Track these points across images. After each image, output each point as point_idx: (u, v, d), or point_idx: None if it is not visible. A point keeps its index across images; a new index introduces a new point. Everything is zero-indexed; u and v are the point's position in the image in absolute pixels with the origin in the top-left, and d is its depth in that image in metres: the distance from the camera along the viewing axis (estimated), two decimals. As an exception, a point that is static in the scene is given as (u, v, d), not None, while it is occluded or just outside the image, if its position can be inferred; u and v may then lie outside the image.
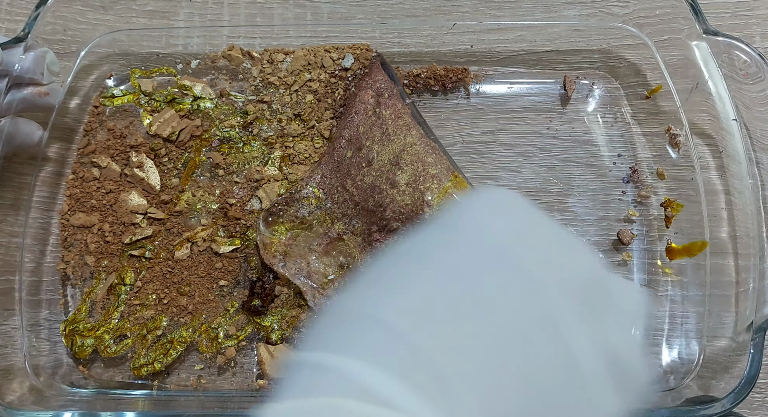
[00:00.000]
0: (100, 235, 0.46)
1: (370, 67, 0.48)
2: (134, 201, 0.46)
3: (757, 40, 0.51)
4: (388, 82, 0.47)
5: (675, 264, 0.45)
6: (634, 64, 0.51)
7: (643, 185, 0.48)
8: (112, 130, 0.48)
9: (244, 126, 0.48)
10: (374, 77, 0.47)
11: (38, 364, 0.44)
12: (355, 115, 0.46)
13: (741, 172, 0.42)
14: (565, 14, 0.51)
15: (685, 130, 0.47)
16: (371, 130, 0.45)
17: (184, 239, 0.45)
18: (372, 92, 0.46)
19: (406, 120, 0.45)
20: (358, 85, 0.47)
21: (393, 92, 0.47)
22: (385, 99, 0.46)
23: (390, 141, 0.44)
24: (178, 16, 0.51)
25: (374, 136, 0.45)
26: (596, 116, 0.50)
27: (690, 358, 0.43)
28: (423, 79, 0.50)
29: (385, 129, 0.45)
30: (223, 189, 0.47)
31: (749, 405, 0.43)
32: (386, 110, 0.45)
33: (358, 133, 0.45)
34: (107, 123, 0.48)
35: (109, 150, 0.47)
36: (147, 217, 0.46)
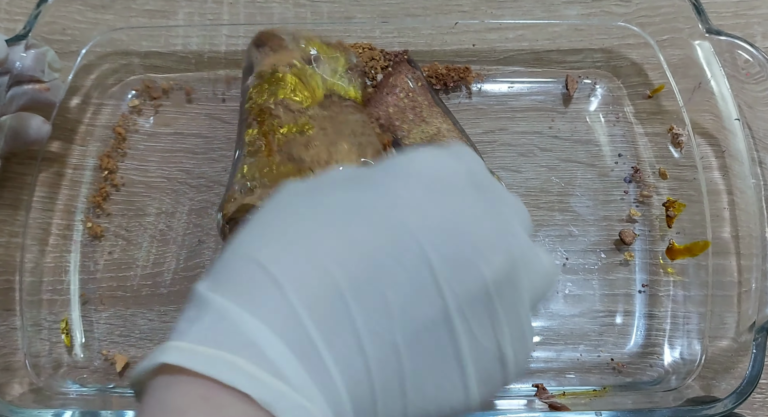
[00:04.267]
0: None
1: (399, 62, 0.48)
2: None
3: (758, 40, 0.51)
4: (419, 74, 0.48)
5: (677, 264, 0.45)
6: (637, 64, 0.51)
7: (645, 185, 0.48)
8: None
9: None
10: (405, 69, 0.48)
11: (39, 364, 0.44)
12: (387, 96, 0.46)
13: (744, 171, 0.42)
14: (567, 13, 0.51)
15: (688, 129, 0.47)
16: (404, 112, 0.45)
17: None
18: (406, 78, 0.47)
19: (441, 109, 0.46)
20: (390, 73, 0.48)
21: (425, 84, 0.48)
22: (419, 87, 0.47)
23: (425, 122, 0.45)
24: (177, 16, 0.51)
25: (406, 117, 0.45)
26: (598, 116, 0.50)
27: (692, 359, 0.43)
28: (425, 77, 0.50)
29: (419, 111, 0.45)
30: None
31: (750, 405, 0.43)
32: (420, 97, 0.46)
33: (388, 113, 0.45)
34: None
35: None
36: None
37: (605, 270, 0.46)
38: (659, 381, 0.43)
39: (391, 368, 0.22)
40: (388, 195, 0.24)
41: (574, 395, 0.42)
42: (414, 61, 0.49)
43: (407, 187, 0.24)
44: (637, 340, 0.44)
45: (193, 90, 0.51)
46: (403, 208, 0.23)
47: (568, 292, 0.45)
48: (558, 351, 0.44)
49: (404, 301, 0.22)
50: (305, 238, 0.23)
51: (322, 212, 0.24)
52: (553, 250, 0.46)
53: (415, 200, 0.24)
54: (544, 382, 0.42)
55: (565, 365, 0.43)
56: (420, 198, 0.24)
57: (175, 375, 0.20)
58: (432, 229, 0.23)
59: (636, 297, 0.45)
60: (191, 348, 0.21)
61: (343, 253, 0.22)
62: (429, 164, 0.25)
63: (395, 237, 0.23)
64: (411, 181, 0.24)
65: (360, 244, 0.22)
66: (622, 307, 0.45)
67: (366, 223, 0.23)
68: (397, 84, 0.46)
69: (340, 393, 0.21)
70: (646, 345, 0.44)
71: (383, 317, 0.22)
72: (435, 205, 0.24)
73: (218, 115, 0.50)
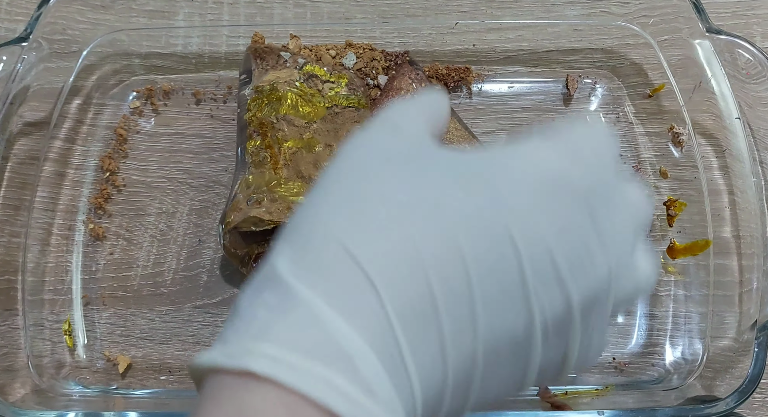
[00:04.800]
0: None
1: (401, 64, 0.48)
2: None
3: (757, 40, 0.51)
4: (421, 75, 0.48)
5: (678, 264, 0.45)
6: (637, 63, 0.51)
7: (646, 184, 0.48)
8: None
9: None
10: (407, 70, 0.47)
11: (41, 364, 0.44)
12: (392, 99, 0.46)
13: (744, 171, 0.42)
14: (567, 13, 0.51)
15: (688, 129, 0.47)
16: None
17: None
18: (409, 80, 0.47)
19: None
20: (394, 75, 0.48)
21: (428, 84, 0.47)
22: (422, 87, 0.47)
23: None
24: (177, 16, 0.51)
25: None
26: (598, 115, 0.50)
27: (693, 358, 0.43)
28: (426, 78, 0.50)
29: None
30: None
31: (749, 405, 0.43)
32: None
33: None
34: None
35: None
36: None
37: (606, 269, 0.46)
38: (661, 380, 0.43)
39: (465, 376, 0.22)
40: (495, 198, 0.22)
41: (576, 394, 0.42)
42: (415, 61, 0.49)
43: (516, 193, 0.22)
44: (638, 340, 0.44)
45: (199, 92, 0.51)
46: (509, 215, 0.22)
47: (570, 292, 0.45)
48: (559, 350, 0.44)
49: (492, 314, 0.21)
50: (401, 228, 0.21)
51: (420, 198, 0.21)
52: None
53: (522, 207, 0.22)
54: (545, 381, 0.42)
55: (567, 365, 0.43)
56: (527, 205, 0.22)
57: (261, 382, 0.19)
58: (533, 243, 0.22)
59: (637, 296, 0.45)
60: (281, 356, 0.19)
61: (441, 255, 0.20)
62: (541, 165, 0.23)
63: (496, 247, 0.21)
64: (521, 185, 0.22)
65: (459, 248, 0.21)
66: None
67: (468, 225, 0.21)
68: (401, 86, 0.46)
69: (416, 402, 0.21)
70: (648, 344, 0.44)
71: (469, 329, 0.21)
72: (541, 214, 0.22)
73: (219, 116, 0.50)
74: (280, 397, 0.18)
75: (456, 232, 0.21)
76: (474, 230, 0.21)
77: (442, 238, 0.21)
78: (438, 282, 0.20)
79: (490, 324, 0.21)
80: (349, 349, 0.19)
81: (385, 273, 0.20)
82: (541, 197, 0.22)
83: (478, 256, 0.21)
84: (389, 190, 0.22)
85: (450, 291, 0.20)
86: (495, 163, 0.23)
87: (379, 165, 0.23)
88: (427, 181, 0.22)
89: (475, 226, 0.21)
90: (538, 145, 0.23)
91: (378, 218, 0.21)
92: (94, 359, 0.44)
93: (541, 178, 0.23)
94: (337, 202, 0.22)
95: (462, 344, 0.21)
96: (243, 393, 0.19)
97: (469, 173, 0.22)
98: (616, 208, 0.24)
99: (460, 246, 0.21)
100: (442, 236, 0.21)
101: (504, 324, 0.21)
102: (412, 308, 0.20)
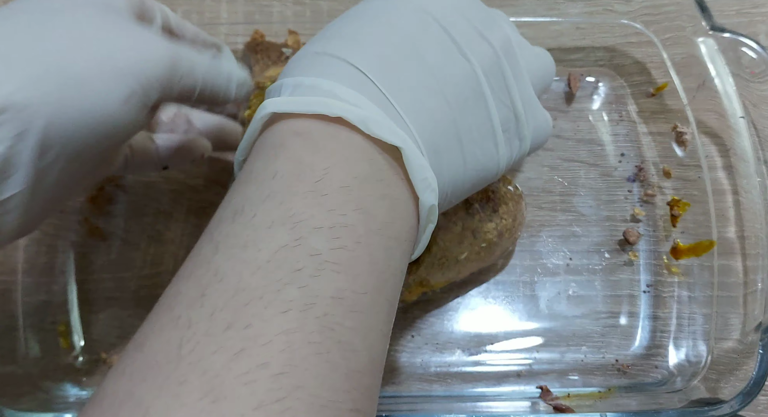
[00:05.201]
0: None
1: None
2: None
3: (762, 38, 0.51)
4: None
5: (681, 264, 0.45)
6: (640, 62, 0.50)
7: (649, 184, 0.47)
8: None
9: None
10: None
11: (37, 366, 0.43)
12: None
13: (749, 170, 0.42)
14: (569, 11, 0.51)
15: (692, 128, 0.46)
16: None
17: None
18: None
19: None
20: None
21: None
22: None
23: None
24: (175, 14, 0.51)
25: None
26: (601, 114, 0.49)
27: (697, 360, 0.42)
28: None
29: None
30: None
31: (754, 408, 0.43)
32: None
33: None
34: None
35: None
36: None
37: (609, 270, 0.45)
38: (664, 382, 0.42)
39: (447, 119, 0.27)
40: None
41: (579, 397, 0.41)
42: None
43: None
44: (641, 342, 0.44)
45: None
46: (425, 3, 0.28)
47: (572, 293, 0.45)
48: (561, 352, 0.43)
49: (440, 63, 0.27)
50: (356, 32, 0.27)
51: (365, 15, 0.28)
52: (556, 250, 0.46)
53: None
54: (547, 383, 0.42)
55: (569, 367, 0.43)
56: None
57: (272, 126, 0.26)
58: (447, 10, 0.28)
59: (640, 298, 0.45)
60: (282, 100, 0.25)
61: (388, 37, 0.27)
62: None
63: (420, 19, 0.27)
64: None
65: (397, 28, 0.27)
66: (626, 308, 0.45)
67: (397, 14, 0.28)
68: None
69: (412, 133, 0.25)
70: (651, 346, 0.44)
71: (429, 76, 0.26)
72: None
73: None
74: (289, 126, 0.25)
75: (392, 19, 0.28)
76: (401, 15, 0.28)
77: (382, 26, 0.28)
78: (391, 50, 0.27)
79: (441, 70, 0.27)
80: (334, 90, 0.25)
81: (352, 53, 0.26)
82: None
83: (409, 28, 0.27)
84: (344, 19, 0.29)
85: (400, 52, 0.27)
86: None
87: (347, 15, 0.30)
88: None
89: (401, 12, 0.28)
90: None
91: (340, 32, 0.28)
92: (91, 361, 0.44)
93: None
94: (310, 43, 0.29)
95: (430, 87, 0.26)
96: (264, 135, 0.26)
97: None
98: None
99: (394, 24, 0.27)
100: (382, 25, 0.28)
101: (452, 69, 0.27)
102: (378, 67, 0.26)
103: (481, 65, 0.28)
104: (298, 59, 0.28)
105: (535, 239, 0.46)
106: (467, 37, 0.28)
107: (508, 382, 0.42)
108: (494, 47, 0.28)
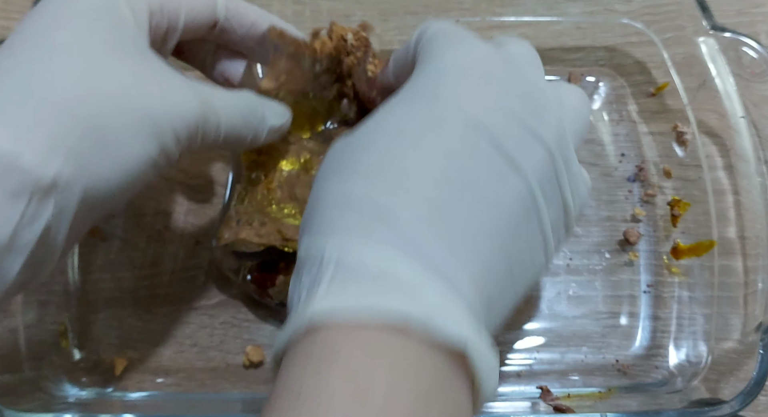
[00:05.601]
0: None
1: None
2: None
3: (763, 38, 0.51)
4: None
5: (682, 265, 0.45)
6: (640, 62, 0.50)
7: (650, 184, 0.47)
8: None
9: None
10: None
11: (36, 366, 0.43)
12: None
13: (749, 170, 0.42)
14: (569, 11, 0.51)
15: (692, 128, 0.46)
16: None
17: None
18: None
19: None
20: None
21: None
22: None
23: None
24: None
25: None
26: (601, 114, 0.49)
27: (697, 360, 0.42)
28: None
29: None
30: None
31: (755, 408, 0.43)
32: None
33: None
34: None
35: None
36: None
37: (609, 270, 0.45)
38: (665, 382, 0.42)
39: (501, 255, 0.24)
40: (437, 103, 0.25)
41: (579, 397, 0.41)
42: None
43: (449, 86, 0.26)
44: (641, 342, 0.44)
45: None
46: (457, 106, 0.25)
47: (572, 294, 0.45)
48: (562, 353, 0.43)
49: (493, 188, 0.24)
50: (398, 164, 0.24)
51: (405, 134, 0.25)
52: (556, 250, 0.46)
53: (464, 90, 0.25)
54: (548, 384, 0.42)
55: (569, 367, 0.43)
56: (468, 87, 0.25)
57: (318, 331, 0.21)
58: (497, 114, 0.25)
59: (640, 298, 0.45)
60: (327, 300, 0.21)
61: (436, 167, 0.24)
62: (461, 58, 0.27)
63: (469, 135, 0.24)
64: (451, 78, 0.26)
65: (444, 151, 0.24)
66: (626, 308, 0.45)
67: (444, 132, 0.24)
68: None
69: (471, 292, 0.23)
70: (651, 346, 0.44)
71: (483, 209, 0.24)
72: (482, 89, 0.26)
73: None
74: (343, 336, 0.21)
75: (427, 145, 0.24)
76: (439, 137, 0.24)
77: (418, 152, 0.24)
78: (436, 189, 0.23)
79: (495, 199, 0.24)
80: (383, 266, 0.22)
81: (395, 198, 0.23)
82: (476, 76, 0.26)
83: (452, 150, 0.24)
84: (373, 148, 0.25)
85: (449, 188, 0.23)
86: (427, 75, 0.27)
87: (369, 136, 0.26)
88: (394, 121, 0.26)
89: (439, 130, 0.25)
90: (456, 48, 0.28)
91: (374, 165, 0.24)
92: (90, 361, 0.44)
93: (466, 63, 0.26)
94: (340, 170, 0.25)
95: (484, 226, 0.24)
96: (311, 346, 0.21)
97: (413, 98, 0.26)
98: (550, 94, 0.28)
99: (434, 153, 0.24)
100: (417, 152, 0.24)
101: (506, 193, 0.24)
102: (430, 215, 0.23)
103: (536, 175, 0.25)
104: (328, 207, 0.24)
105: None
106: (520, 144, 0.25)
107: (508, 383, 0.42)
108: (548, 146, 0.25)
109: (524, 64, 0.28)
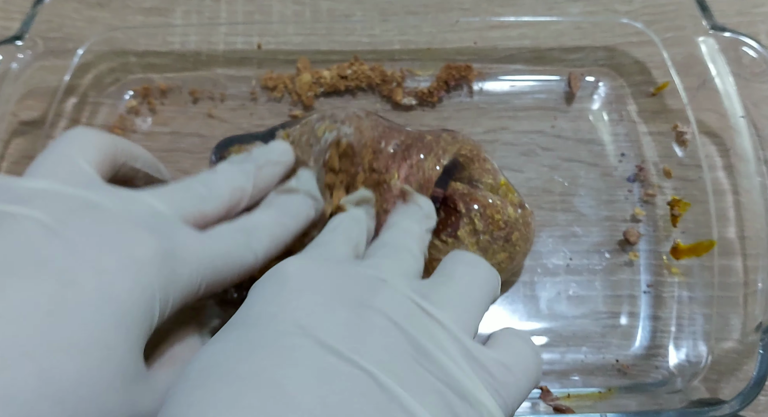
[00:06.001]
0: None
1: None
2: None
3: (762, 38, 0.51)
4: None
5: (682, 265, 0.45)
6: (640, 62, 0.50)
7: (650, 184, 0.47)
8: None
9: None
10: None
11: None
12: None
13: (749, 170, 0.42)
14: (569, 11, 0.50)
15: (692, 128, 0.46)
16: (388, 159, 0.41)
17: None
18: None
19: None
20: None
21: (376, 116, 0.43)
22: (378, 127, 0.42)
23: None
24: (174, 14, 0.51)
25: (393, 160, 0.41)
26: (601, 114, 0.49)
27: (697, 360, 0.42)
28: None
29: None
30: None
31: (755, 408, 0.43)
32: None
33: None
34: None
35: None
36: None
37: (609, 270, 0.45)
38: (664, 382, 0.42)
39: None
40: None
41: (579, 397, 0.41)
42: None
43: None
44: (641, 342, 0.44)
45: (197, 91, 0.50)
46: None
47: (572, 294, 0.45)
48: (562, 353, 0.43)
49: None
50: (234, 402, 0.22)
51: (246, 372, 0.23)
52: (556, 250, 0.46)
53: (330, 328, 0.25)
54: (547, 384, 0.42)
55: (569, 367, 0.43)
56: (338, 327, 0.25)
57: None
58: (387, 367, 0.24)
59: (640, 298, 0.45)
60: None
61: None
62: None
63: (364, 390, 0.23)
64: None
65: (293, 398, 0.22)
66: (626, 308, 0.45)
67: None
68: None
69: None
70: (651, 346, 0.44)
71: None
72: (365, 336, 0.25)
73: (217, 115, 0.50)
74: None
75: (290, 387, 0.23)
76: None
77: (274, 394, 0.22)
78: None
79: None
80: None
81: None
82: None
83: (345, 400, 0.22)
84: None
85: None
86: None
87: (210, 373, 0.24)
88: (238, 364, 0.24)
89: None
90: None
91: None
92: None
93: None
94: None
95: None
96: None
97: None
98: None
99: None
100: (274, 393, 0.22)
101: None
102: None
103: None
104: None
105: (536, 239, 0.46)
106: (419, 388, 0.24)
107: (508, 383, 0.42)
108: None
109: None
